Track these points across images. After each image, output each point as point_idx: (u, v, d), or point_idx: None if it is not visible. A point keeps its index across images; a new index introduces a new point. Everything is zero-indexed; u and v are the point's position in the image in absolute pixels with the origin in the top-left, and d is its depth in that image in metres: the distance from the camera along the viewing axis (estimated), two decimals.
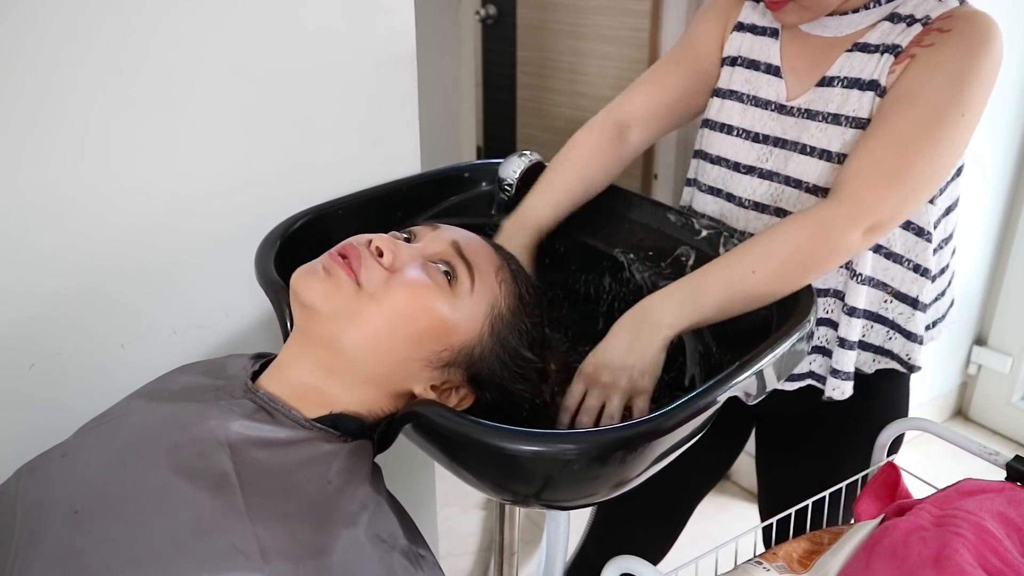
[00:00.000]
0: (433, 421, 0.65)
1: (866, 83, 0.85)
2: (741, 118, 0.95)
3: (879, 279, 0.92)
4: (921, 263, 0.91)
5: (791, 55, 0.92)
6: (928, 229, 0.90)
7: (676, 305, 0.78)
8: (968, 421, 2.25)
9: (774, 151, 0.92)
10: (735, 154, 0.95)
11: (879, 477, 0.82)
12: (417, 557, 0.62)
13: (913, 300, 0.93)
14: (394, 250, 0.69)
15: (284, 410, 0.65)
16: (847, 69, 0.86)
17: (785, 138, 0.91)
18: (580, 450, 0.61)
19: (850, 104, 0.86)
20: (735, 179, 0.95)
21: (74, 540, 0.55)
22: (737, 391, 0.66)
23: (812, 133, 0.89)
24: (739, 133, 0.95)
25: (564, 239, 1.00)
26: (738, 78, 0.96)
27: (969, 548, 0.61)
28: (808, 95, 0.89)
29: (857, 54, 0.86)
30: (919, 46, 0.82)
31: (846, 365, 0.93)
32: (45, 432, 0.72)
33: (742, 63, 0.96)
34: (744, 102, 0.95)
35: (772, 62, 0.93)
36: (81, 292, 0.82)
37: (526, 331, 0.74)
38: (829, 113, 0.87)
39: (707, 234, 0.90)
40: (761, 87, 0.94)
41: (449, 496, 1.84)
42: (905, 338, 0.94)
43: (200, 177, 0.87)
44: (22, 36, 0.73)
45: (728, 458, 1.18)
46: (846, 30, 0.87)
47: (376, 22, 0.94)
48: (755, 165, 0.94)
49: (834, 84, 0.87)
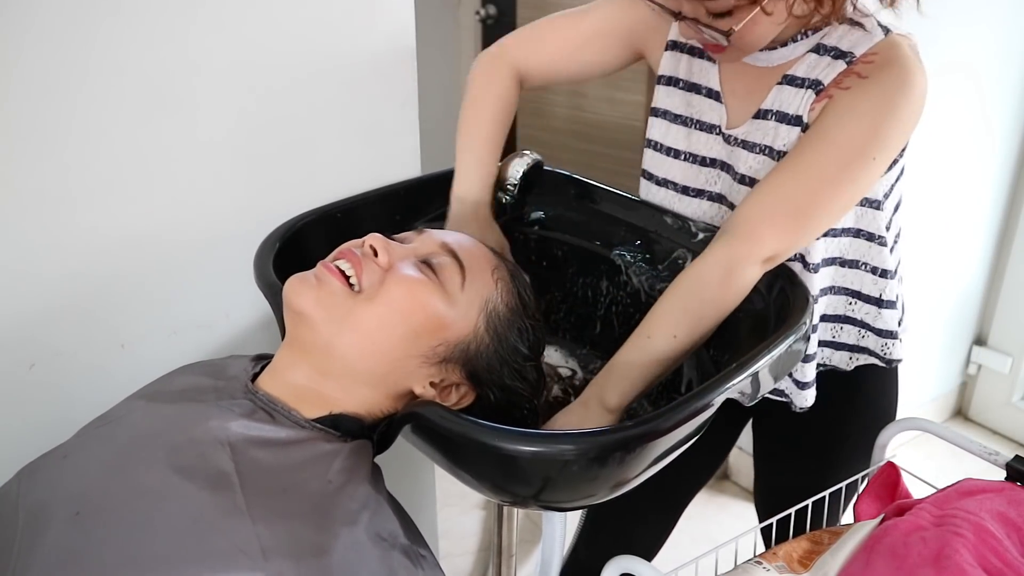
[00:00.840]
0: (432, 421, 0.65)
1: (792, 118, 0.85)
2: (687, 142, 0.94)
3: (839, 286, 0.93)
4: (879, 265, 0.92)
5: (729, 81, 0.92)
6: (879, 233, 0.90)
7: (614, 389, 0.78)
8: (968, 421, 2.25)
9: (721, 175, 0.93)
10: (683, 178, 0.95)
11: (879, 477, 0.83)
12: (418, 556, 0.62)
13: (877, 300, 0.93)
14: (388, 248, 0.69)
15: (284, 411, 0.66)
16: (778, 103, 0.86)
17: (729, 163, 0.91)
18: (579, 451, 0.61)
19: (780, 138, 0.86)
20: (683, 202, 0.95)
21: (75, 541, 0.55)
22: (734, 393, 0.66)
23: (748, 164, 0.89)
24: (686, 157, 0.95)
25: (561, 243, 1.00)
26: (679, 101, 0.95)
27: (969, 548, 0.62)
28: (746, 126, 0.89)
29: (786, 87, 0.86)
30: (838, 87, 0.82)
31: (806, 376, 0.94)
32: (45, 432, 0.72)
33: (683, 86, 0.95)
34: (689, 126, 0.94)
35: (712, 87, 0.92)
36: (81, 293, 0.82)
37: (524, 330, 0.74)
38: (765, 145, 0.87)
39: (703, 237, 0.90)
40: (704, 111, 0.93)
41: (449, 496, 1.84)
42: (878, 335, 0.94)
43: (200, 178, 0.87)
44: (22, 37, 0.73)
45: (720, 456, 1.19)
46: (776, 62, 0.87)
47: (376, 22, 0.94)
48: (704, 188, 0.94)
49: (768, 117, 0.87)
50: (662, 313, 0.80)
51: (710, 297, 0.79)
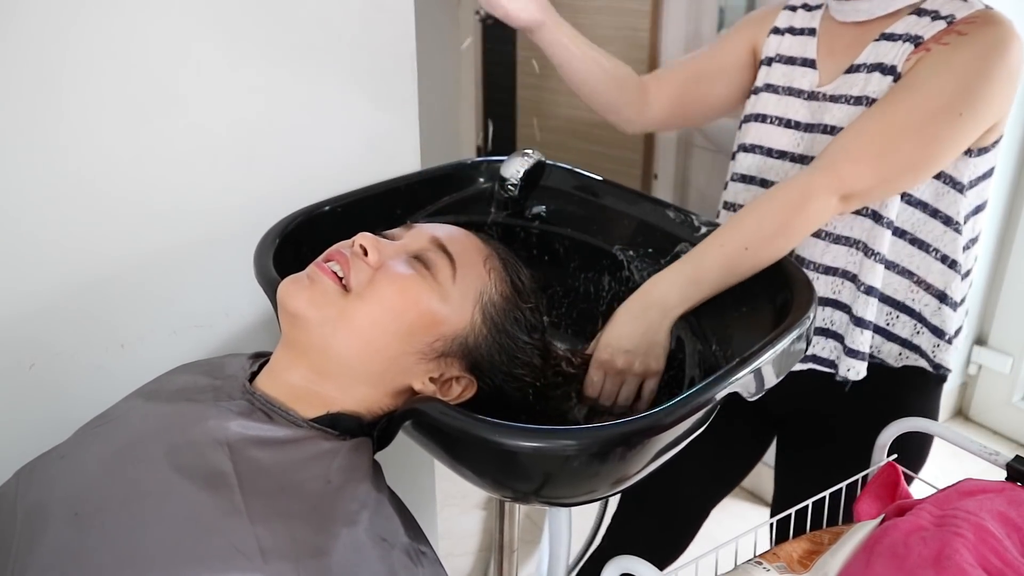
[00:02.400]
0: (433, 418, 0.65)
1: (887, 68, 0.89)
2: (775, 107, 1.00)
3: (903, 266, 0.94)
4: (949, 254, 0.93)
5: (826, 48, 0.97)
6: (956, 219, 0.92)
7: (678, 288, 0.81)
8: (968, 421, 2.25)
9: (805, 136, 0.97)
10: (769, 140, 1.00)
11: (879, 477, 0.82)
12: (418, 554, 0.62)
13: (940, 293, 0.94)
14: (378, 247, 0.69)
15: (282, 410, 0.66)
16: (873, 56, 0.91)
17: (812, 122, 0.96)
18: (580, 446, 0.61)
19: (871, 87, 0.90)
20: (768, 164, 1.00)
21: (74, 542, 0.55)
22: (737, 387, 0.66)
23: (833, 114, 0.93)
24: (772, 120, 1.00)
25: (563, 238, 1.00)
26: (775, 73, 1.01)
27: (970, 548, 0.61)
28: (836, 82, 0.94)
29: (883, 42, 0.90)
30: (936, 42, 0.85)
31: (861, 345, 0.94)
32: (45, 432, 0.72)
33: (780, 60, 1.01)
34: (779, 93, 1.00)
35: (808, 56, 0.98)
36: (81, 292, 0.82)
37: (522, 316, 0.74)
38: (852, 96, 0.91)
39: (706, 231, 0.90)
40: (796, 78, 0.99)
41: (449, 496, 1.85)
42: (932, 333, 0.95)
43: (200, 177, 0.87)
44: (21, 33, 0.73)
45: (747, 466, 1.18)
46: (877, 12, 0.91)
47: (376, 22, 0.94)
48: (787, 150, 0.98)
49: (860, 71, 0.91)
50: (737, 225, 0.83)
51: (783, 219, 0.82)
